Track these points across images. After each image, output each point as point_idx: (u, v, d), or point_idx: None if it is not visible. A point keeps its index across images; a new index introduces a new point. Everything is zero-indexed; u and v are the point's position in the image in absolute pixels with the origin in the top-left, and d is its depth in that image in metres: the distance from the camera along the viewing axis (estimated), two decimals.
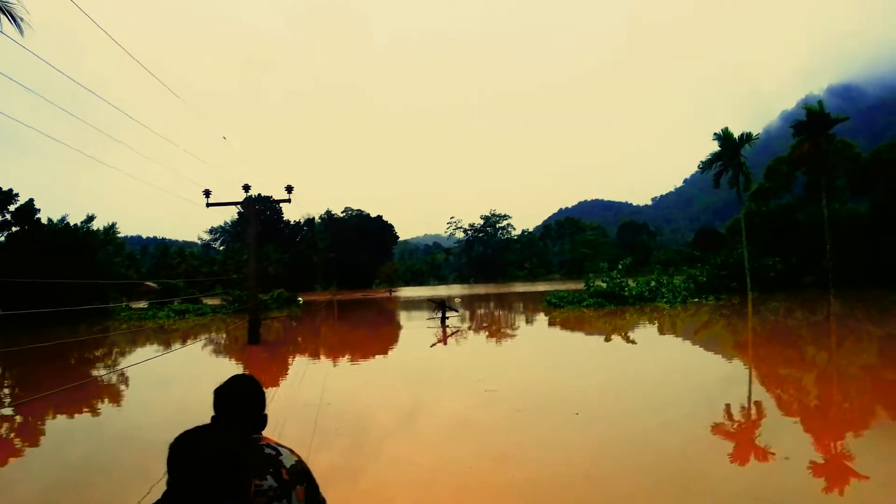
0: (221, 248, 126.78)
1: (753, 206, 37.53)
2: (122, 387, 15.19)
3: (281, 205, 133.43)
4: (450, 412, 9.86)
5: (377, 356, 18.86)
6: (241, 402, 2.40)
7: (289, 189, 20.22)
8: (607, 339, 19.92)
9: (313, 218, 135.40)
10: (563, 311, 30.51)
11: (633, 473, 6.52)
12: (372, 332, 27.49)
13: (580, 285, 75.78)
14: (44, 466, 8.30)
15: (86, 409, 12.22)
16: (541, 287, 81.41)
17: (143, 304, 55.34)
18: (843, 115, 38.51)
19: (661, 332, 22.15)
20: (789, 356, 15.14)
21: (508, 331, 25.29)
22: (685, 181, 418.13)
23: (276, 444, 2.36)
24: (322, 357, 19.27)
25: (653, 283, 34.16)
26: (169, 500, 1.62)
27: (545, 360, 15.57)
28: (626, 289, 32.22)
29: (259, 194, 21.30)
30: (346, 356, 19.31)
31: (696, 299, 32.19)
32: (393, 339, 24.79)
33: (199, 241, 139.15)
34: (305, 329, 29.62)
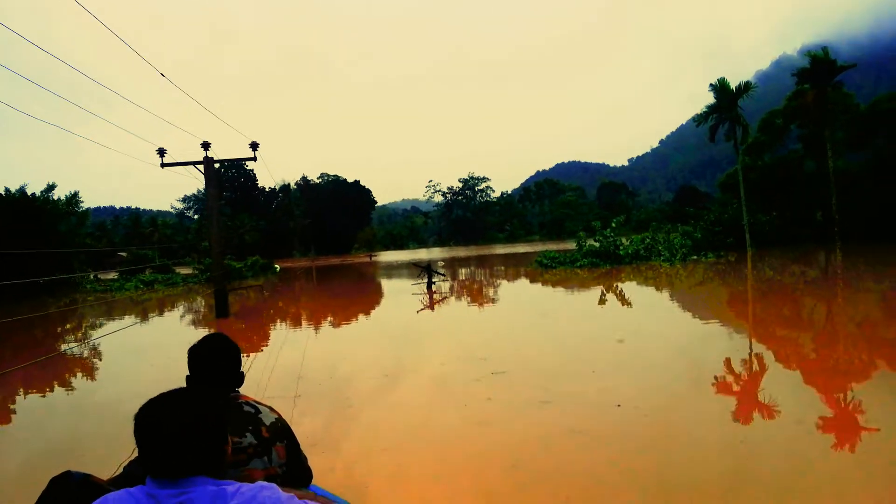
0: (196, 216, 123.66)
1: (749, 160, 35.81)
2: (88, 361, 13.86)
3: (254, 171, 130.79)
4: (456, 408, 7.87)
5: (359, 326, 16.85)
6: (215, 360, 2.36)
7: (253, 146, 17.94)
8: (604, 300, 18.18)
9: (289, 184, 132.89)
10: (556, 273, 28.73)
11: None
12: (353, 299, 25.56)
13: (562, 246, 75.02)
14: (21, 443, 7.85)
15: (52, 385, 11.45)
16: (521, 248, 79.92)
17: (112, 276, 53.07)
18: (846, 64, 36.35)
19: (667, 291, 20.53)
20: (812, 314, 13.56)
21: (500, 294, 23.49)
22: (661, 142, 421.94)
23: (256, 401, 2.35)
24: (299, 327, 17.27)
25: (647, 241, 32.45)
26: (142, 467, 1.57)
27: (549, 328, 13.68)
28: (621, 247, 30.49)
29: (223, 161, 18.82)
30: (327, 325, 17.33)
31: (695, 256, 30.59)
32: (376, 305, 22.86)
33: (172, 210, 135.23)
34: (280, 298, 27.41)
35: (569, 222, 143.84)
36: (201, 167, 17.53)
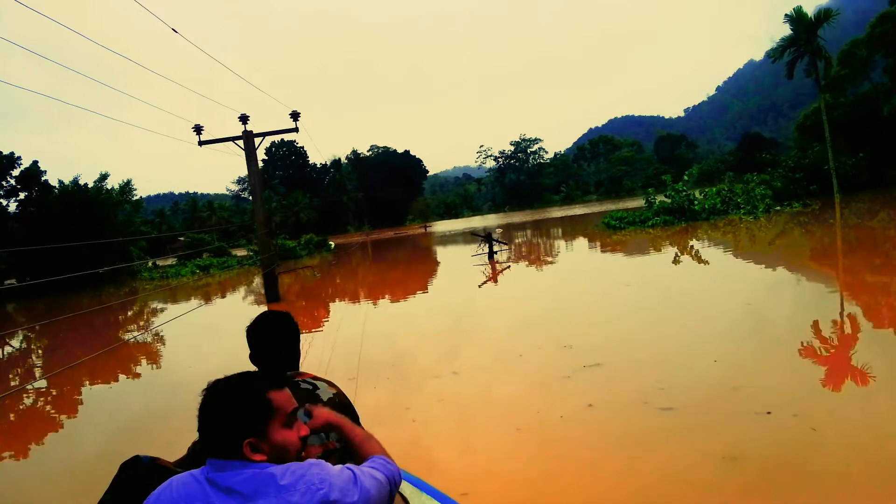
0: (250, 197, 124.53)
1: (829, 98, 32.44)
2: (150, 348, 14.12)
3: (304, 148, 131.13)
4: (552, 425, 6.08)
5: (418, 306, 15.26)
6: (270, 339, 2.38)
7: (294, 116, 16.43)
8: (700, 259, 16.15)
9: (339, 159, 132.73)
10: (626, 234, 26.62)
11: None
12: (410, 274, 24.11)
13: (621, 205, 72.03)
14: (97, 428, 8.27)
15: (115, 373, 11.75)
16: (579, 210, 77.22)
17: (171, 261, 53.29)
18: None
19: (764, 249, 18.32)
20: None
21: (568, 262, 21.60)
22: (717, 89, 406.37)
23: (314, 378, 2.36)
24: (351, 309, 15.84)
25: (725, 193, 29.69)
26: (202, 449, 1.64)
27: (637, 302, 11.71)
28: (696, 202, 27.93)
29: (263, 135, 17.54)
30: (383, 305, 15.85)
31: (778, 207, 27.76)
32: (434, 280, 21.28)
33: (228, 193, 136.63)
34: (333, 277, 26.11)
35: (627, 180, 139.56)
36: (241, 143, 16.14)
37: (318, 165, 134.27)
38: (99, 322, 20.39)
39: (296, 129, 16.35)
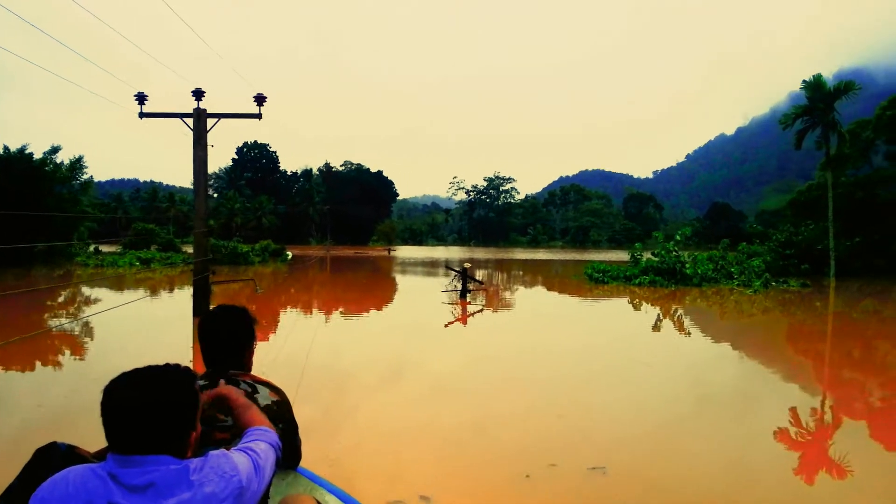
0: (215, 195, 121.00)
1: (829, 176, 31.17)
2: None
3: (276, 153, 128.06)
4: None
5: (374, 345, 12.55)
6: (221, 336, 2.33)
7: (259, 100, 13.83)
8: (714, 341, 13.95)
9: (311, 169, 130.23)
10: (609, 288, 24.49)
11: None
12: (369, 303, 21.45)
13: (587, 256, 70.92)
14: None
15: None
16: (543, 255, 75.56)
17: (117, 249, 49.60)
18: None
19: (771, 328, 16.28)
20: None
21: (550, 313, 19.25)
22: (687, 157, 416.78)
23: (257, 380, 2.31)
24: (296, 347, 13.10)
25: (718, 260, 27.78)
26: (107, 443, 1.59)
27: (646, 378, 9.40)
28: (688, 265, 25.98)
29: (218, 116, 14.61)
30: (334, 335, 13.13)
31: (776, 283, 25.79)
32: (396, 312, 18.69)
33: (191, 187, 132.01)
34: (280, 296, 23.03)
35: (594, 231, 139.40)
36: (190, 121, 13.47)
37: (289, 173, 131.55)
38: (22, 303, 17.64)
39: (258, 116, 13.66)
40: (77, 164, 44.61)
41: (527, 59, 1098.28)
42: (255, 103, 13.71)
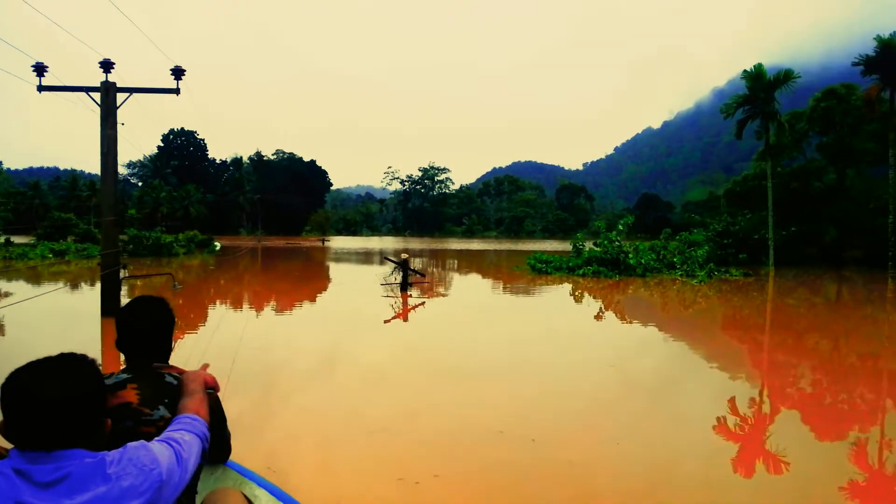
0: (139, 183, 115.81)
1: (769, 166, 31.34)
2: None
3: (204, 141, 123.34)
4: None
5: (307, 342, 11.34)
6: (142, 328, 2.24)
7: (177, 73, 12.32)
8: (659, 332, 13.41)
9: (241, 158, 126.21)
10: (552, 279, 23.87)
11: None
12: (305, 293, 20.23)
13: (521, 246, 70.83)
14: None
15: None
16: (478, 245, 75.23)
17: (30, 240, 46.27)
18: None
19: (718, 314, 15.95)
20: None
21: (497, 305, 18.44)
22: (615, 149, 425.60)
23: (182, 373, 2.25)
24: (223, 348, 11.77)
25: (661, 252, 27.41)
26: (9, 440, 1.50)
27: (607, 377, 8.70)
28: (631, 256, 25.62)
29: (130, 90, 12.80)
30: (264, 329, 11.83)
31: (721, 272, 25.58)
32: (333, 308, 17.38)
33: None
34: (203, 293, 21.30)
35: (528, 221, 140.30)
36: (97, 96, 11.93)
37: (218, 161, 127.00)
38: None
39: (176, 91, 12.16)
40: None
41: (462, 53, 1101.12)
42: (173, 77, 12.23)
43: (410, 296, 18.05)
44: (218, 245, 50.60)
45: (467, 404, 7.06)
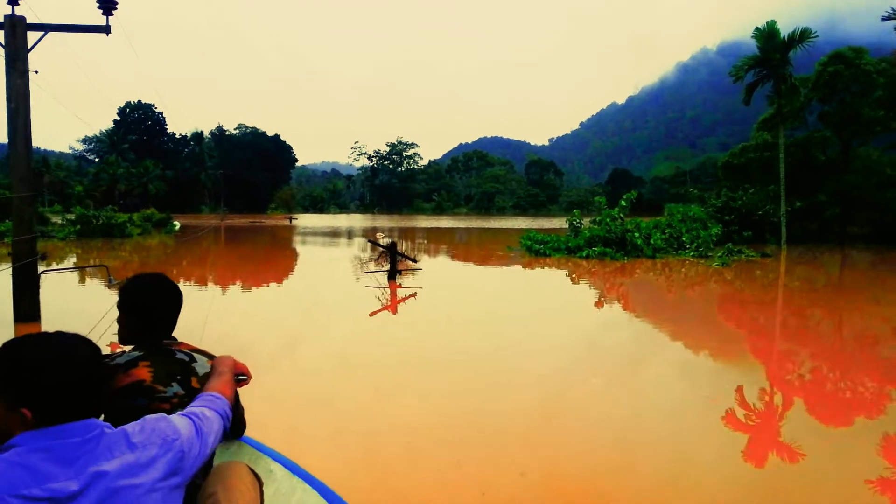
0: (96, 159, 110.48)
1: (769, 137, 29.18)
2: None
3: (163, 115, 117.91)
4: None
5: (279, 352, 8.81)
6: (149, 304, 2.19)
7: (106, 7, 9.44)
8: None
9: (202, 133, 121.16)
10: (553, 262, 21.35)
11: None
12: (271, 286, 17.50)
13: (493, 223, 68.34)
14: None
15: None
16: (447, 222, 72.57)
17: None
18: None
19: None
20: None
21: (499, 293, 15.98)
22: (581, 125, 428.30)
23: (194, 350, 2.26)
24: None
25: (665, 228, 25.00)
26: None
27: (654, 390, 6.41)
28: (637, 235, 22.81)
29: (43, 28, 9.73)
30: (228, 331, 9.26)
31: (735, 253, 23.00)
32: (309, 300, 14.63)
33: (71, 152, 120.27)
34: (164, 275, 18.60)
35: (499, 198, 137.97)
36: (0, 35, 9.01)
37: (178, 136, 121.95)
38: None
39: (106, 29, 9.25)
40: None
41: (428, 23, 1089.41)
42: (102, 12, 9.32)
43: (400, 285, 15.46)
44: (177, 224, 47.10)
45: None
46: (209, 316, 10.67)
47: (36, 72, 9.15)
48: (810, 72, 32.46)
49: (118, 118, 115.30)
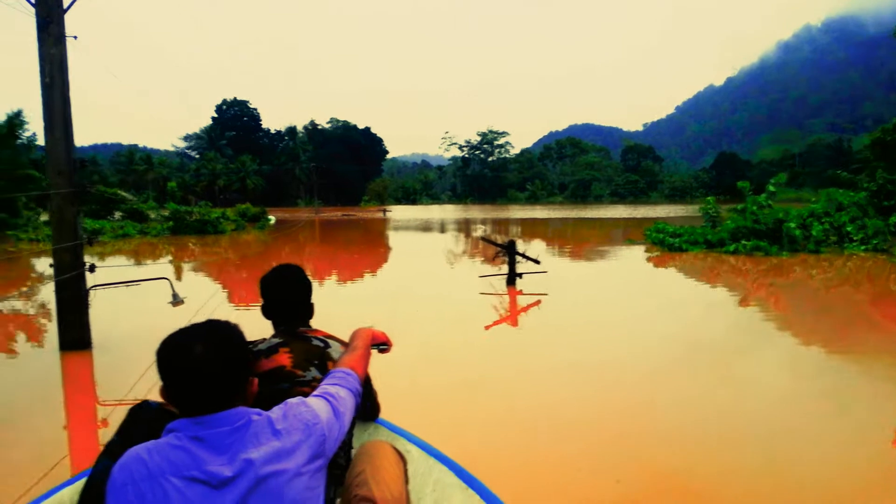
0: (196, 155, 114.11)
1: None
2: None
3: (258, 111, 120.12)
4: None
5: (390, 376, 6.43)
6: (286, 293, 2.31)
7: None
8: None
9: (295, 127, 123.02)
10: (694, 258, 18.08)
11: None
12: (371, 293, 15.29)
13: (588, 212, 63.82)
14: None
15: None
16: (542, 212, 68.81)
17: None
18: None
19: None
20: None
21: (637, 301, 12.95)
22: (676, 108, 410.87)
23: (327, 336, 2.32)
24: None
25: (821, 215, 20.72)
26: (168, 399, 1.51)
27: None
28: (793, 225, 18.80)
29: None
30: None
31: None
32: (416, 302, 12.11)
33: (173, 149, 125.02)
34: (238, 289, 16.56)
35: (595, 185, 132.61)
36: None
37: (272, 132, 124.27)
38: None
39: None
40: (15, 120, 37.60)
41: (513, 9, 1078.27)
42: None
43: (521, 292, 12.79)
44: (272, 219, 46.21)
45: None
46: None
47: (75, 37, 7.07)
48: None
49: (215, 115, 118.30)
